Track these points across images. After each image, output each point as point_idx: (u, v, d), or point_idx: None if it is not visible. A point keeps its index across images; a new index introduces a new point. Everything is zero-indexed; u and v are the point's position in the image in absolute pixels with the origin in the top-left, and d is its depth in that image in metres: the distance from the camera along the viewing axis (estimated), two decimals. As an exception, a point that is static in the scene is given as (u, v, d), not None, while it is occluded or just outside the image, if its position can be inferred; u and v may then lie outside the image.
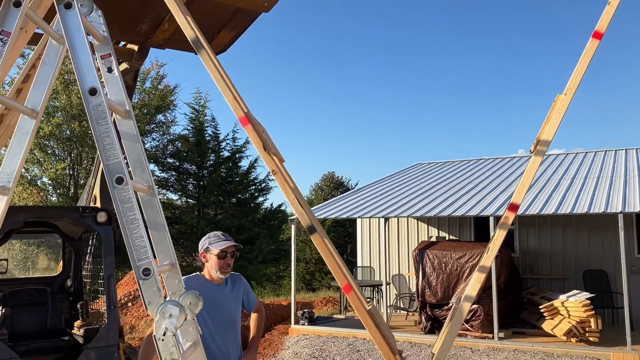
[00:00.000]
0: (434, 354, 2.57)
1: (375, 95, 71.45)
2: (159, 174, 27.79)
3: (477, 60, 67.96)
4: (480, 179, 14.19)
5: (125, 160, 2.23)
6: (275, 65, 69.50)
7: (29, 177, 23.90)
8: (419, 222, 14.23)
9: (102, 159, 2.10)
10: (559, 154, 16.53)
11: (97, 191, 5.64)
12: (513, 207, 2.50)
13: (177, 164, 27.73)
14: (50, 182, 24.69)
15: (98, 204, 5.57)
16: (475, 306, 10.55)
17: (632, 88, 66.05)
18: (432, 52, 68.53)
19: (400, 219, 14.17)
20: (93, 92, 2.14)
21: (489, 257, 2.56)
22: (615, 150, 15.92)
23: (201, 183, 27.90)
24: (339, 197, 15.19)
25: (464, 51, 67.96)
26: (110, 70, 2.41)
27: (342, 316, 13.06)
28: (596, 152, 16.13)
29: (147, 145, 27.28)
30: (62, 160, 24.26)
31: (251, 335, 3.76)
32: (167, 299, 2.25)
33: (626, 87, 66.74)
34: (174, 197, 28.82)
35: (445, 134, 74.42)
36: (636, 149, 15.73)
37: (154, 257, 2.16)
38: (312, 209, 13.96)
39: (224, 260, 3.44)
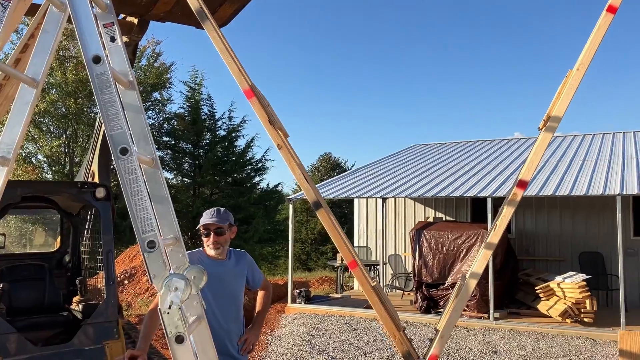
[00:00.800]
0: (438, 330, 2.56)
1: (373, 78, 71.16)
2: (154, 152, 27.66)
3: (474, 45, 67.65)
4: (478, 161, 14.17)
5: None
6: (270, 44, 69.00)
7: (23, 154, 23.74)
8: (416, 203, 14.24)
9: (106, 129, 2.05)
10: (556, 137, 16.50)
11: (95, 167, 5.59)
12: (522, 184, 2.47)
13: (173, 142, 27.60)
14: (45, 159, 24.54)
15: (96, 180, 5.52)
16: (471, 286, 10.60)
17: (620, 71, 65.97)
18: (429, 38, 68.13)
19: (397, 199, 14.17)
20: (97, 60, 2.08)
21: (496, 233, 2.53)
22: (613, 133, 15.91)
23: (197, 162, 27.80)
24: (336, 177, 15.16)
25: (462, 36, 67.61)
26: (113, 39, 2.35)
27: (338, 295, 13.11)
28: (594, 134, 16.12)
29: (143, 124, 27.10)
30: (58, 138, 24.09)
31: (256, 313, 3.74)
32: (172, 272, 2.22)
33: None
34: (169, 175, 28.75)
35: (442, 116, 74.33)
36: (634, 132, 15.72)
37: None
38: (309, 188, 13.94)
39: (208, 238, 3.41)
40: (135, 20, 4.52)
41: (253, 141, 28.76)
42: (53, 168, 24.31)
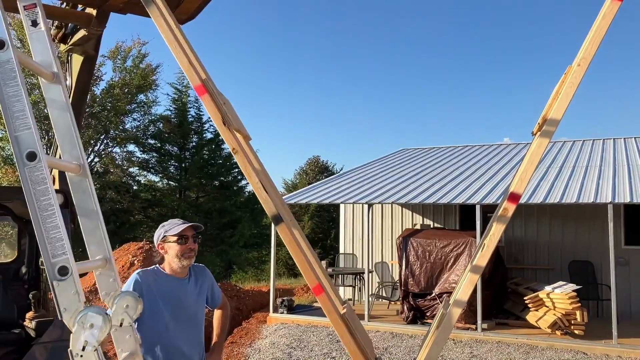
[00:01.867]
0: (417, 366, 2.21)
1: (362, 80, 71.01)
2: (139, 155, 27.26)
3: (463, 47, 67.77)
4: (467, 166, 13.87)
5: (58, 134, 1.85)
6: (255, 46, 68.66)
7: (4, 155, 23.19)
8: (404, 209, 13.91)
9: (9, 130, 1.68)
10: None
11: (55, 171, 5.18)
12: (514, 198, 2.13)
13: (159, 145, 27.20)
14: (27, 161, 23.96)
15: (56, 186, 5.12)
16: (459, 296, 10.27)
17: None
18: (418, 43, 68.14)
19: (384, 205, 13.84)
20: (1, 45, 1.71)
21: (484, 255, 2.18)
22: (603, 140, 15.69)
23: (183, 165, 27.41)
24: (322, 181, 14.80)
25: (450, 39, 67.67)
26: (35, 24, 1.97)
27: (322, 304, 12.72)
28: (584, 140, 15.89)
29: (127, 125, 26.67)
30: (41, 139, 23.53)
31: (214, 336, 3.37)
32: (107, 301, 1.87)
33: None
34: (155, 178, 28.32)
35: (430, 121, 74.30)
36: (624, 138, 15.51)
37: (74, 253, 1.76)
38: (295, 192, 13.54)
39: (185, 246, 3.05)
40: (94, 12, 4.16)
41: (240, 144, 28.35)
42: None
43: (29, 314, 4.75)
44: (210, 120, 27.93)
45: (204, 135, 28.06)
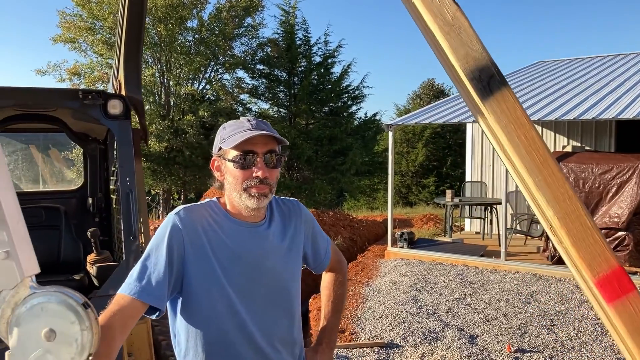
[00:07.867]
0: None
1: (479, -4, 65.69)
2: (249, 82, 26.61)
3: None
4: (626, 76, 11.40)
5: None
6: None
7: (117, 84, 23.33)
8: (544, 129, 11.83)
9: None
10: None
11: (122, 75, 4.02)
12: None
13: (267, 70, 26.28)
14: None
15: (123, 91, 3.97)
16: (622, 233, 8.38)
17: None
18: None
19: (519, 126, 11.85)
20: None
21: None
22: None
23: (292, 91, 26.39)
24: (444, 100, 12.97)
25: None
26: None
27: (447, 239, 11.26)
28: None
29: (235, 51, 25.91)
30: (151, 67, 23.36)
31: (322, 318, 2.01)
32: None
33: None
34: (265, 106, 27.65)
35: (558, 32, 67.69)
36: None
37: None
38: (414, 113, 11.89)
39: (249, 171, 1.65)
40: None
41: (350, 67, 26.82)
42: (149, 98, 23.77)
43: (90, 257, 3.72)
44: (319, 42, 26.45)
45: (312, 58, 26.71)
